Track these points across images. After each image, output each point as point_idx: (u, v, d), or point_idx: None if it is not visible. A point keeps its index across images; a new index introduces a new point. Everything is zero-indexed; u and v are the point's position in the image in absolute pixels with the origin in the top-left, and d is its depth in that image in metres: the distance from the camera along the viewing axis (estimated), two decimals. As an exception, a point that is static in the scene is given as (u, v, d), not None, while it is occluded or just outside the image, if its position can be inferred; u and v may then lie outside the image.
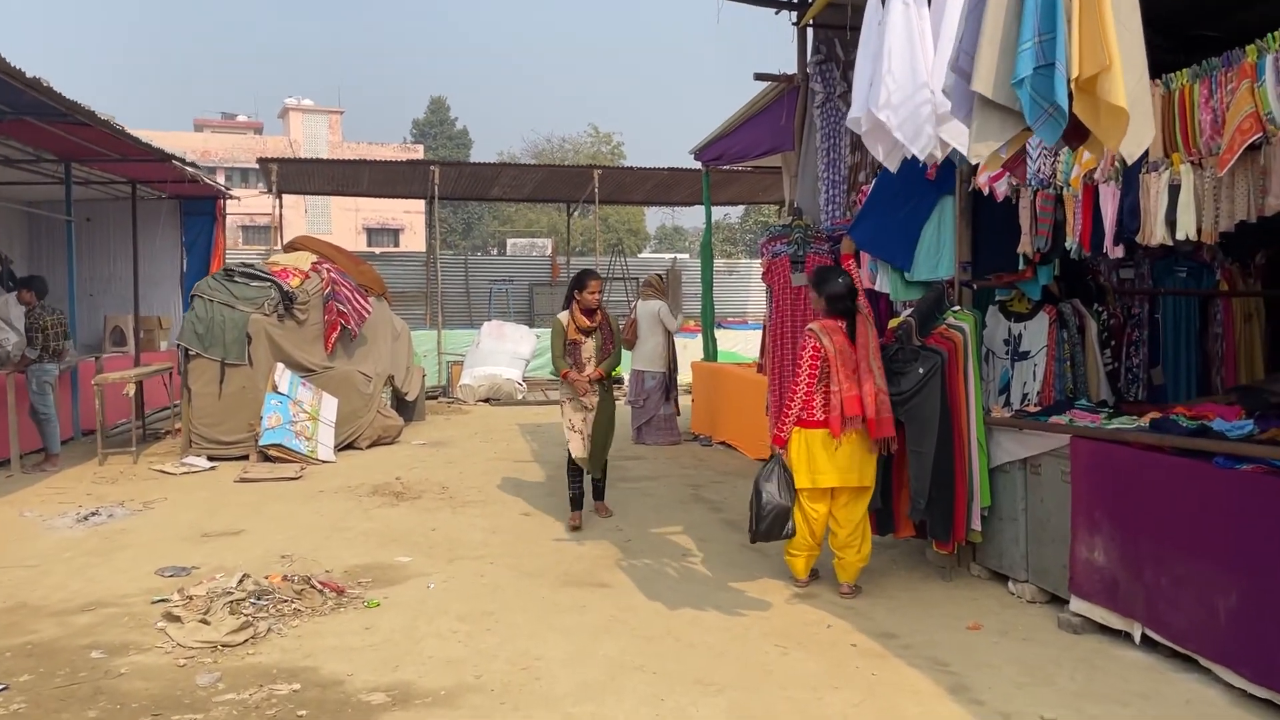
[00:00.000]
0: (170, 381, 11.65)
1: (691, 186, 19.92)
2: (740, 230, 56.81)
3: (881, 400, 5.29)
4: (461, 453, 10.39)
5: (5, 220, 14.57)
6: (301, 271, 10.68)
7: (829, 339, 5.38)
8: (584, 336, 6.93)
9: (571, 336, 6.94)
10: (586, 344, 6.96)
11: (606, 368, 7.01)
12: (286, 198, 56.36)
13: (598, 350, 6.97)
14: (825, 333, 5.43)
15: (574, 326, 6.92)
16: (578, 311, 6.93)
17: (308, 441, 9.75)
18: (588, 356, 6.97)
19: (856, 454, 5.33)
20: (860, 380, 5.31)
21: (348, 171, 18.23)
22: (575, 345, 6.96)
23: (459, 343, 17.17)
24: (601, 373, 6.96)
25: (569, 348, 6.95)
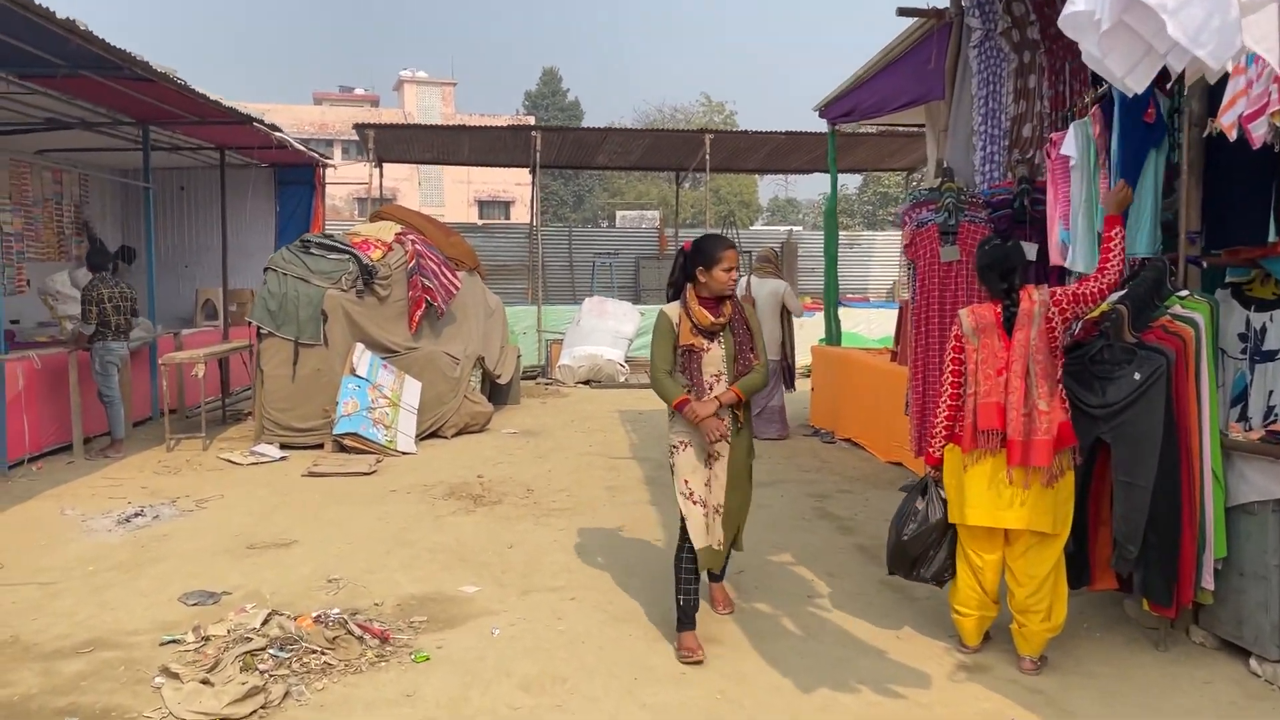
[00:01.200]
0: (249, 361, 10.97)
1: (811, 152, 18.47)
2: (858, 201, 54.59)
3: (1038, 418, 3.99)
4: (553, 445, 9.37)
5: (98, 189, 14.21)
6: (384, 243, 9.79)
7: (973, 326, 4.17)
8: (706, 340, 4.31)
9: (687, 341, 4.30)
10: (711, 352, 4.31)
11: (746, 389, 4.32)
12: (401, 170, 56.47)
13: (729, 361, 4.32)
14: (972, 319, 4.19)
15: (689, 325, 4.31)
16: (695, 302, 4.30)
17: (386, 430, 8.88)
18: (714, 373, 4.32)
19: (1037, 486, 4.02)
20: (1008, 385, 4.04)
21: (447, 138, 17.39)
22: (693, 354, 4.32)
23: (560, 319, 16.21)
24: (740, 396, 4.31)
25: (682, 358, 4.35)
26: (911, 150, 18.27)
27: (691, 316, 4.33)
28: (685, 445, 4.42)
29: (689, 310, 4.34)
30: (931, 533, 4.34)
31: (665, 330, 4.41)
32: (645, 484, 7.61)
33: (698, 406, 4.27)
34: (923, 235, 7.01)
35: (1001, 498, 4.06)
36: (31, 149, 12.07)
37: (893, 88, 8.60)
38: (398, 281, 9.69)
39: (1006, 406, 4.04)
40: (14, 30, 6.49)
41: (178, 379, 10.34)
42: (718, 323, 4.31)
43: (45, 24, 6.03)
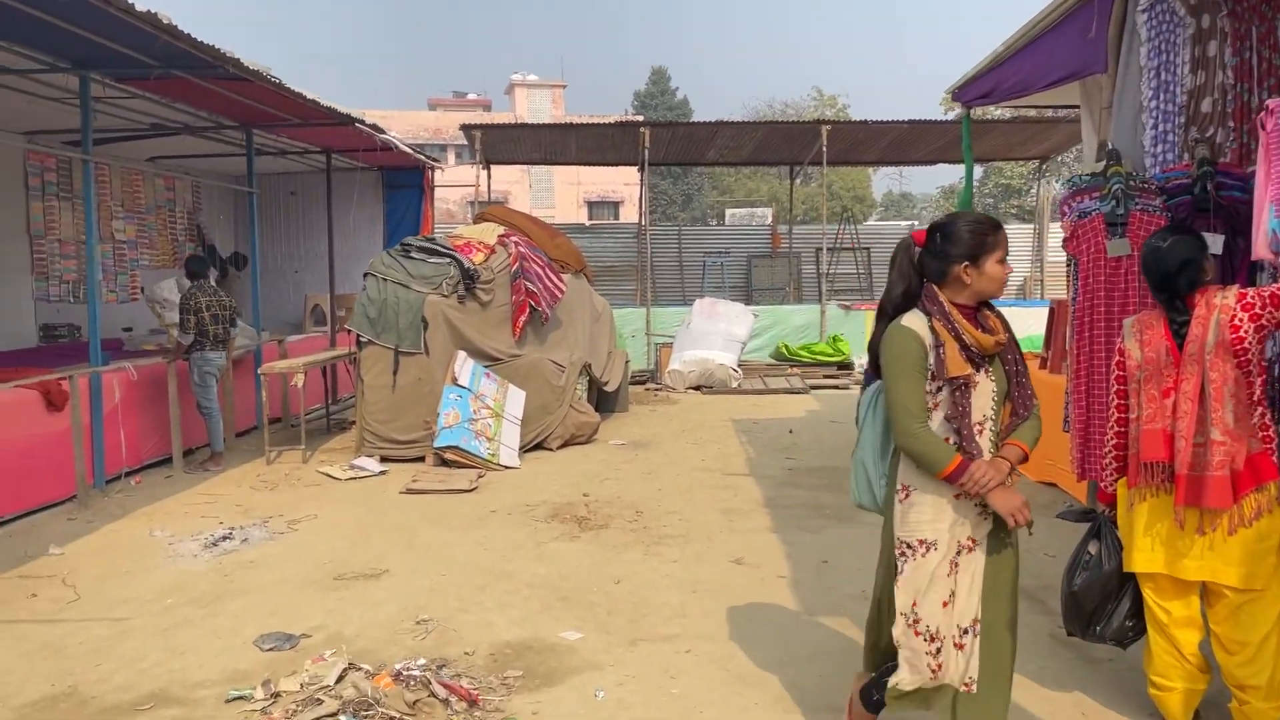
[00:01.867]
0: (352, 369, 10.69)
1: (934, 142, 17.41)
2: (978, 194, 52.34)
3: (1213, 450, 3.19)
4: (664, 458, 8.75)
5: (210, 195, 14.27)
6: (486, 246, 9.34)
7: (1138, 339, 3.44)
8: (975, 371, 2.95)
9: (957, 371, 2.91)
10: (980, 386, 2.97)
11: (1033, 442, 3.07)
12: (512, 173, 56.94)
13: (999, 399, 3.02)
14: (1137, 329, 3.48)
15: (957, 347, 2.92)
16: (958, 313, 2.94)
17: (489, 443, 8.40)
18: (983, 416, 2.98)
19: (1221, 532, 3.24)
20: (1176, 408, 3.28)
21: (554, 137, 17.00)
22: (962, 391, 2.93)
23: (669, 322, 15.60)
24: (1026, 454, 3.04)
25: (957, 394, 2.93)
26: (1045, 137, 17.02)
27: (960, 334, 2.91)
28: (929, 547, 2.92)
29: (953, 324, 2.91)
30: (1107, 583, 3.62)
31: (915, 356, 2.91)
32: (764, 507, 6.91)
33: (987, 471, 2.84)
34: (1085, 227, 6.11)
35: (1179, 542, 3.30)
36: (142, 156, 12.11)
37: (1042, 62, 7.67)
38: (500, 286, 9.22)
39: (1174, 434, 3.26)
40: (98, 27, 6.22)
41: (281, 388, 10.13)
42: (1000, 342, 2.97)
43: (126, 18, 5.70)
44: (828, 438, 9.77)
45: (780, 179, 60.33)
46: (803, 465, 8.38)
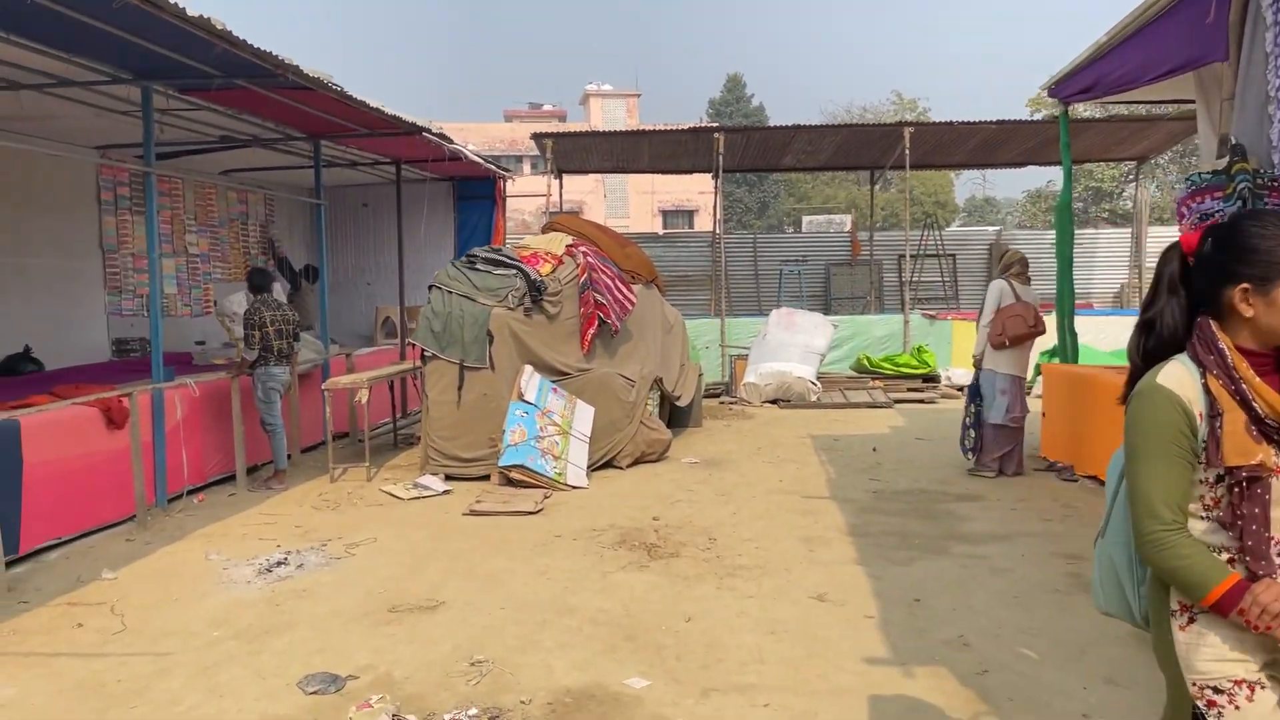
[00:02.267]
0: (418, 383, 10.48)
1: (1023, 143, 16.65)
2: (1064, 199, 50.61)
3: None
4: (738, 478, 8.30)
5: (283, 208, 14.28)
6: (553, 256, 9.02)
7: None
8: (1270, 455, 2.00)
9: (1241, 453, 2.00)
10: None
11: None
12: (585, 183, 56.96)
13: None
14: None
15: (1243, 418, 2.01)
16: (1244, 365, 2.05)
17: (555, 461, 8.06)
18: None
19: None
20: None
21: (626, 145, 16.69)
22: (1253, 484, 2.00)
23: (745, 333, 15.13)
24: None
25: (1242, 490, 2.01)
26: (1143, 136, 16.13)
27: (1250, 395, 2.03)
28: (1253, 688, 2.02)
29: (1237, 381, 2.04)
30: None
31: (1173, 428, 2.05)
32: (847, 535, 6.42)
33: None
34: (1208, 230, 5.51)
35: None
36: (215, 169, 12.14)
37: (1151, 53, 7.05)
38: (568, 298, 8.90)
39: None
40: (155, 35, 6.05)
41: (348, 402, 9.95)
42: None
43: (177, 23, 5.51)
44: (915, 457, 9.20)
45: (859, 184, 59.20)
46: (888, 488, 7.86)
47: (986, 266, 19.59)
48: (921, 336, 14.98)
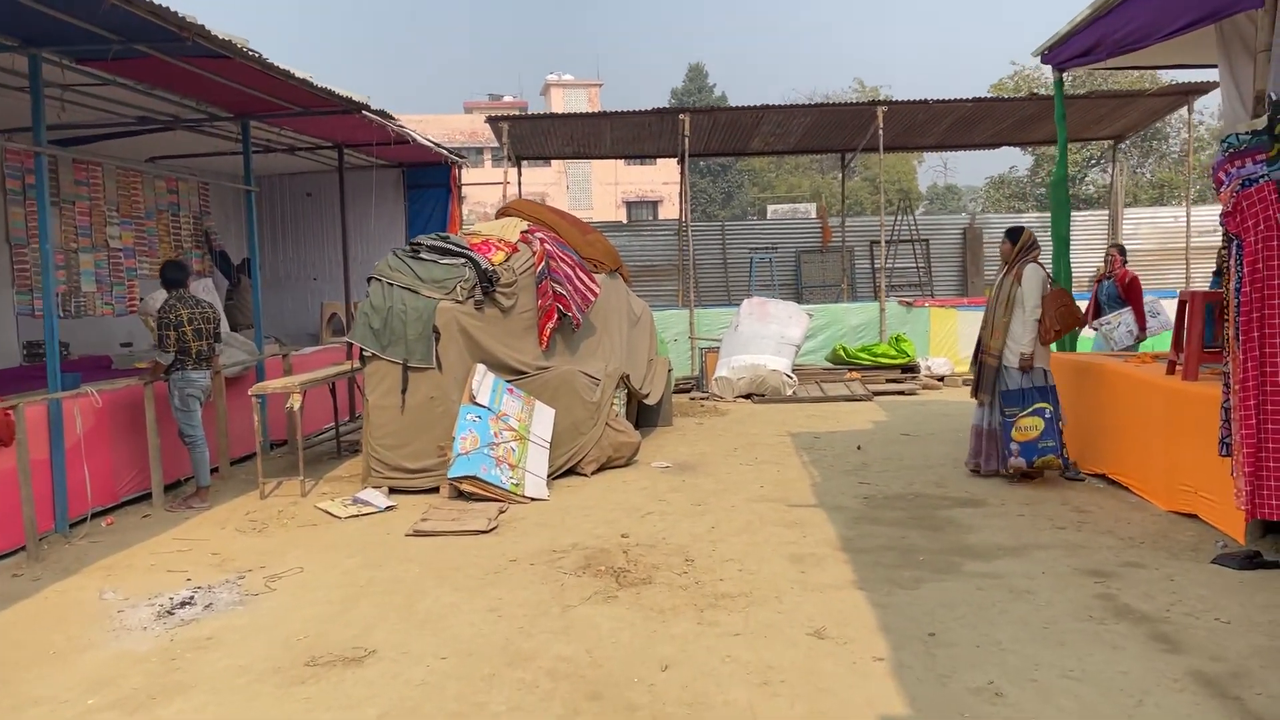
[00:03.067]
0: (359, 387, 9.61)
1: (999, 122, 16.04)
2: (1030, 183, 50.40)
3: None
4: (715, 484, 7.54)
5: (218, 198, 13.29)
6: (507, 244, 8.19)
7: None
8: None
9: None
10: None
11: None
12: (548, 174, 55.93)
13: None
14: None
15: None
16: None
17: (512, 471, 7.25)
18: None
19: None
20: None
21: (587, 129, 15.84)
22: None
23: (715, 324, 14.39)
24: None
25: None
26: (1121, 114, 15.56)
27: None
28: None
29: None
30: None
31: None
32: (841, 551, 5.67)
33: None
34: (1251, 198, 4.83)
35: None
36: (140, 155, 11.16)
37: (1165, 6, 6.35)
38: (524, 289, 8.08)
39: None
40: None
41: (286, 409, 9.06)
42: None
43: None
44: (902, 455, 8.49)
45: (822, 173, 58.72)
46: (880, 492, 7.13)
47: (960, 251, 19.01)
48: (898, 325, 14.31)
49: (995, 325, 7.21)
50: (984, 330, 7.41)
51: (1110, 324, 9.02)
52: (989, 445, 7.32)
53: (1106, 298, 9.26)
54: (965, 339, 14.40)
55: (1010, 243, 7.31)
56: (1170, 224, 18.54)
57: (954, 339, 14.73)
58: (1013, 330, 7.03)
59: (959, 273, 19.04)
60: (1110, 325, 9.01)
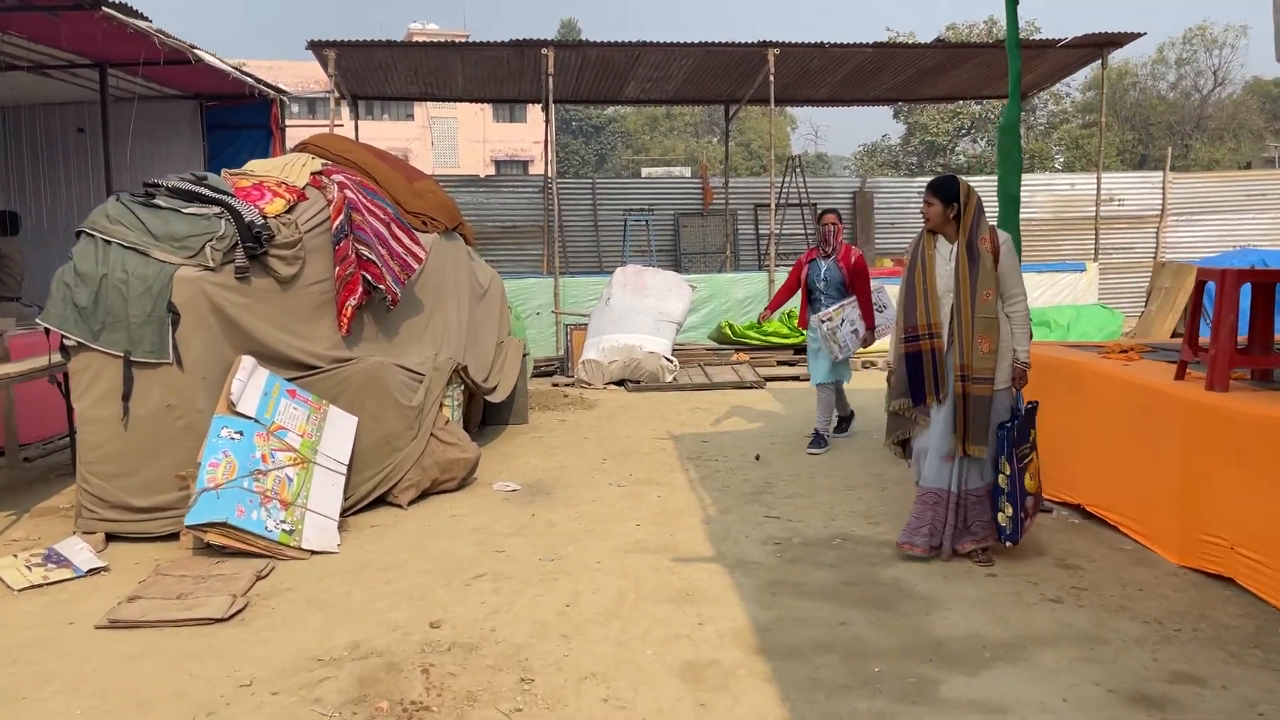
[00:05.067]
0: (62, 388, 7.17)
1: (899, 74, 14.49)
2: (902, 152, 50.14)
3: None
4: (575, 522, 5.56)
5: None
6: (291, 189, 5.95)
7: None
8: None
9: None
10: None
11: None
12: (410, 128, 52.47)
13: None
14: None
15: None
16: None
17: (285, 511, 5.10)
18: None
19: None
20: None
21: (435, 64, 13.49)
22: None
23: (584, 295, 12.42)
24: None
25: None
26: (1030, 68, 14.16)
27: None
28: None
29: None
30: None
31: None
32: (759, 656, 3.77)
33: None
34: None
35: None
36: None
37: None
38: (316, 251, 5.87)
39: None
40: None
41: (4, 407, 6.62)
42: None
43: None
44: (813, 469, 6.72)
45: (698, 136, 57.24)
46: (795, 533, 5.29)
47: (851, 217, 17.48)
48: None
49: (972, 328, 4.61)
50: (946, 342, 4.69)
51: (831, 320, 7.11)
52: (960, 515, 4.74)
53: (824, 284, 7.27)
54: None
55: (942, 200, 4.72)
56: (1068, 191, 17.47)
57: (850, 315, 13.12)
58: (1005, 333, 4.66)
59: (848, 240, 17.50)
60: (831, 322, 7.10)
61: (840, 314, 7.13)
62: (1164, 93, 48.88)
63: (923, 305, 4.69)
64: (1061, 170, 40.59)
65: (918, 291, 4.73)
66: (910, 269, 4.82)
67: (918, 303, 4.72)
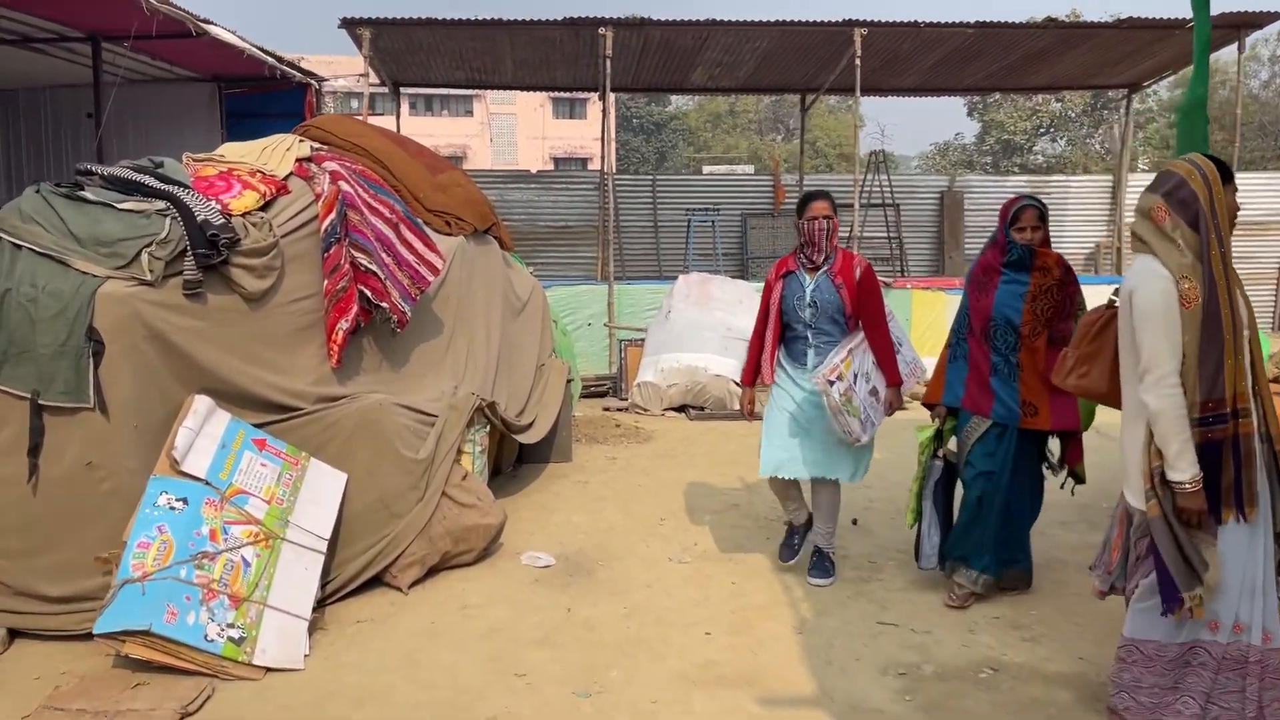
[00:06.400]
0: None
1: (1003, 57, 12.88)
2: (977, 151, 47.98)
3: None
4: (625, 620, 4.19)
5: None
6: (268, 180, 4.66)
7: None
8: None
9: None
10: None
11: None
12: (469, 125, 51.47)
13: None
14: None
15: None
16: None
17: (234, 610, 3.79)
18: None
19: None
20: None
21: (480, 45, 12.20)
22: None
23: (641, 305, 11.06)
24: None
25: None
26: (1151, 53, 12.47)
27: None
28: None
29: None
30: None
31: None
32: None
33: None
34: None
35: None
36: None
37: None
38: (298, 259, 4.57)
39: None
40: None
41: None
42: None
43: None
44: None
45: (761, 134, 55.53)
46: (925, 656, 3.85)
47: (937, 220, 15.89)
48: (877, 312, 11.11)
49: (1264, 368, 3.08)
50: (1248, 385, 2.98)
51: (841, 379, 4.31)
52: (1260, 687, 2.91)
53: (813, 312, 4.52)
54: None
55: None
56: (1183, 194, 15.62)
57: (940, 332, 11.57)
58: None
59: (934, 246, 15.91)
60: (842, 383, 4.31)
61: (850, 364, 4.36)
62: (1255, 91, 46.09)
63: (1231, 364, 2.90)
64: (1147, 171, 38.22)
65: (1224, 344, 2.88)
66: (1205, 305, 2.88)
67: (1225, 361, 2.89)
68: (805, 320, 4.53)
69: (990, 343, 4.29)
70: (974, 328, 4.36)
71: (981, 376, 4.31)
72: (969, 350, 4.38)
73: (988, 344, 4.30)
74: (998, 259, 4.29)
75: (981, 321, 4.31)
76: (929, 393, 4.65)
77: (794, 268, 4.61)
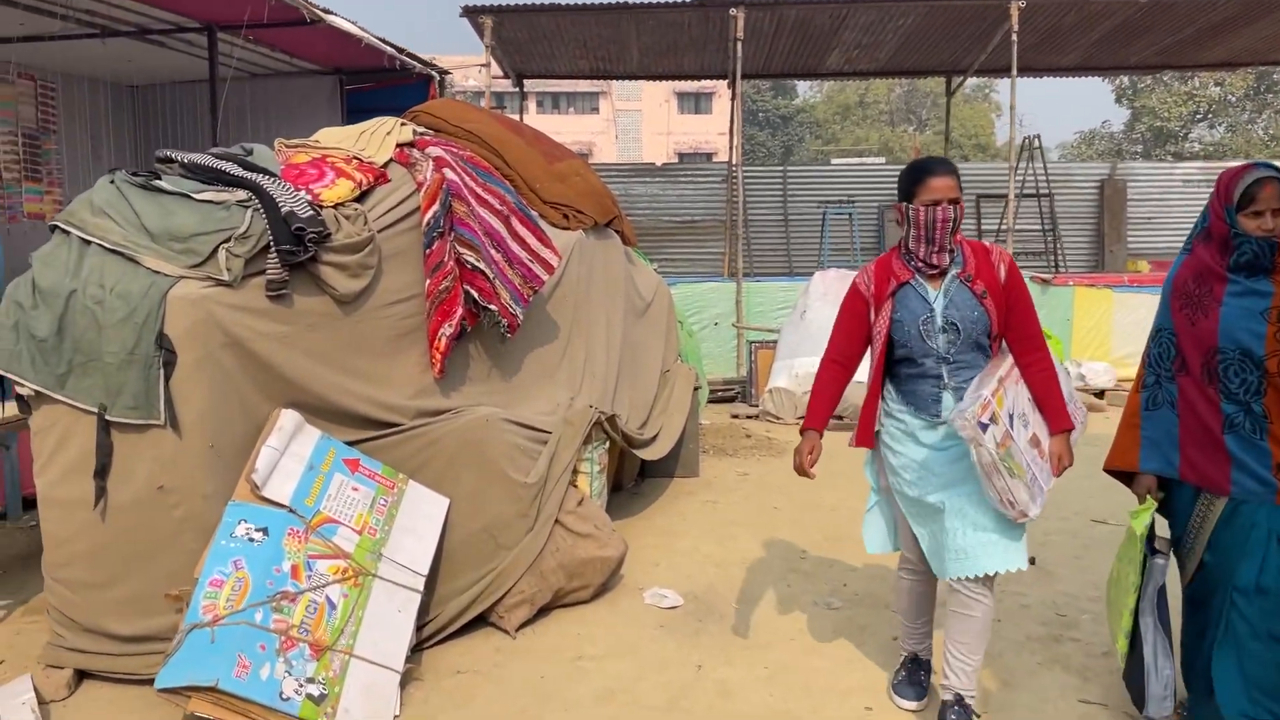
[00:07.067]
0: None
1: (1177, 31, 11.64)
2: (1125, 140, 45.10)
3: None
4: (767, 685, 3.51)
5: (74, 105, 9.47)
6: (366, 168, 4.16)
7: None
8: None
9: None
10: None
11: None
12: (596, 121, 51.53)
13: None
14: None
15: None
16: None
17: (315, 662, 3.28)
18: None
19: None
20: None
21: (605, 32, 11.67)
22: None
23: (771, 304, 10.33)
24: None
25: None
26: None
27: None
28: None
29: None
30: None
31: None
32: None
33: None
34: None
35: None
36: None
37: None
38: (397, 256, 4.05)
39: None
40: None
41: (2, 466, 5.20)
42: None
43: None
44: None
45: (893, 125, 53.63)
46: (1153, 758, 3.05)
47: (1096, 211, 14.56)
48: (1034, 312, 10.08)
49: None
50: None
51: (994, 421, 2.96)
52: None
53: (947, 336, 3.16)
54: (1122, 334, 10.21)
55: None
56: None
57: (1106, 333, 10.49)
58: None
59: (1092, 239, 14.59)
60: (996, 427, 2.96)
61: (1004, 400, 3.05)
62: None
63: None
64: None
65: None
66: None
67: None
68: (939, 352, 3.15)
69: (1219, 384, 2.95)
70: (1188, 362, 3.03)
71: (1207, 433, 2.99)
72: (1180, 394, 3.06)
73: (1214, 385, 2.96)
74: (1218, 260, 2.96)
75: (1202, 353, 2.98)
76: (1114, 454, 3.25)
77: (906, 277, 3.19)
